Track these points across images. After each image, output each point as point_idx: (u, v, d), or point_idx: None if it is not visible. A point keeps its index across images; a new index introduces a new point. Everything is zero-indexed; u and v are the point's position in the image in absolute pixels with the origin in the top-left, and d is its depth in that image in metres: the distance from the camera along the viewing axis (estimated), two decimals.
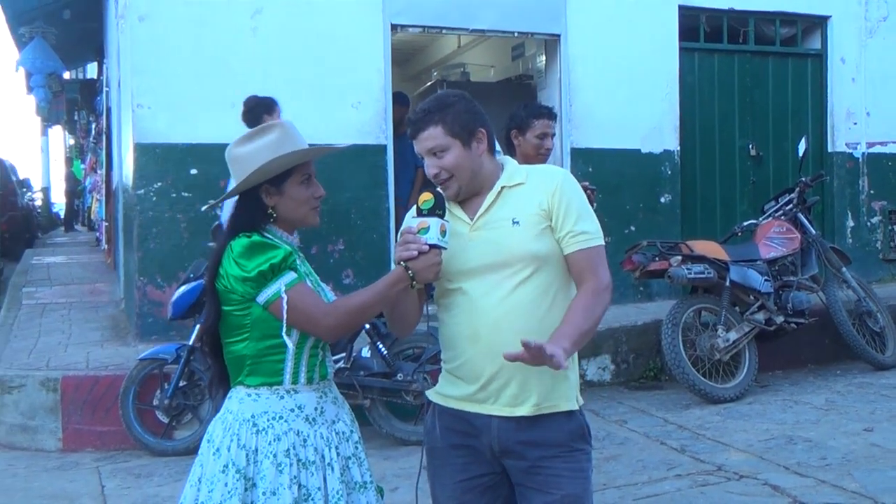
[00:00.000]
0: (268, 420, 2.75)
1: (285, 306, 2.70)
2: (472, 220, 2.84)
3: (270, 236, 2.83)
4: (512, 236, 2.78)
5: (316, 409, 2.81)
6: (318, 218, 2.92)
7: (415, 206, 2.78)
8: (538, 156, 5.18)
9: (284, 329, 2.72)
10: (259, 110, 6.64)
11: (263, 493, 2.68)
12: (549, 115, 5.35)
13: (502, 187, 2.85)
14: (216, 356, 2.89)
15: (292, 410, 2.78)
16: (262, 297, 2.72)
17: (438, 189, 2.82)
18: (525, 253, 2.77)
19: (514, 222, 2.79)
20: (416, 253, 2.67)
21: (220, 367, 2.89)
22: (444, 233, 2.69)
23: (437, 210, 2.71)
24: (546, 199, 2.80)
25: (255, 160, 2.78)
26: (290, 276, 2.74)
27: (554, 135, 5.36)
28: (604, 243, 2.87)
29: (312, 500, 2.72)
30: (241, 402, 2.79)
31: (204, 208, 6.80)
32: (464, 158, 2.81)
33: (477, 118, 2.85)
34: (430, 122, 2.80)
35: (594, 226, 2.84)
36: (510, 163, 2.96)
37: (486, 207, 2.83)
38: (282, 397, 2.78)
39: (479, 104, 2.91)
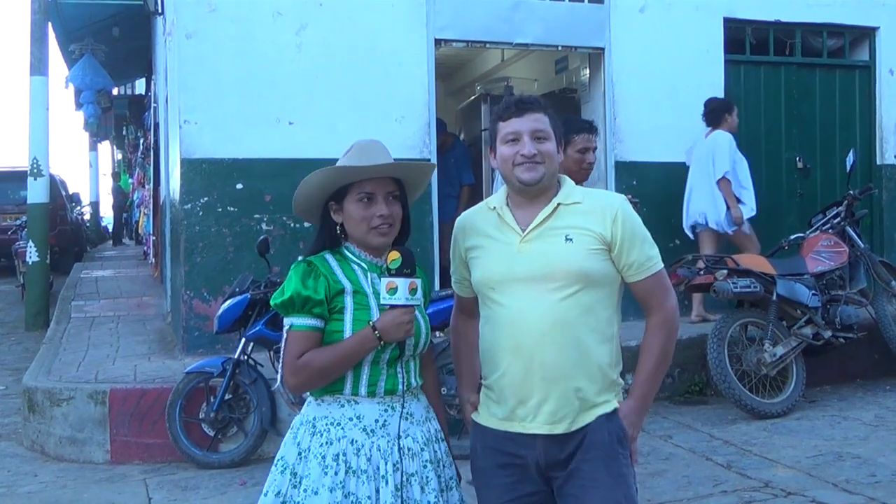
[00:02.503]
0: (325, 424, 2.84)
1: (283, 344, 2.87)
2: (523, 231, 2.85)
3: (349, 254, 2.93)
4: (563, 252, 2.79)
5: (377, 421, 2.85)
6: (380, 239, 2.90)
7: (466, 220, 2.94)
8: (580, 170, 5.16)
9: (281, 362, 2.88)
10: (720, 111, 7.88)
11: (305, 490, 2.76)
12: (590, 129, 5.32)
13: (559, 204, 2.87)
14: None
15: (351, 419, 2.83)
16: (286, 323, 2.87)
17: (517, 176, 2.85)
18: (574, 269, 2.78)
19: (567, 239, 2.81)
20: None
21: None
22: (413, 291, 2.76)
23: (405, 269, 2.77)
24: (606, 227, 2.82)
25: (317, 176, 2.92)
26: (302, 321, 2.82)
27: (595, 149, 5.32)
28: (663, 265, 2.91)
29: None
30: (308, 405, 2.93)
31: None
32: (555, 153, 2.89)
33: (561, 130, 2.98)
34: (539, 108, 2.90)
35: (655, 250, 2.90)
36: (567, 181, 2.98)
37: (540, 220, 2.85)
38: (342, 405, 2.85)
39: None
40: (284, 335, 2.85)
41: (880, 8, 9.85)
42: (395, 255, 2.78)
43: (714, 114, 8.36)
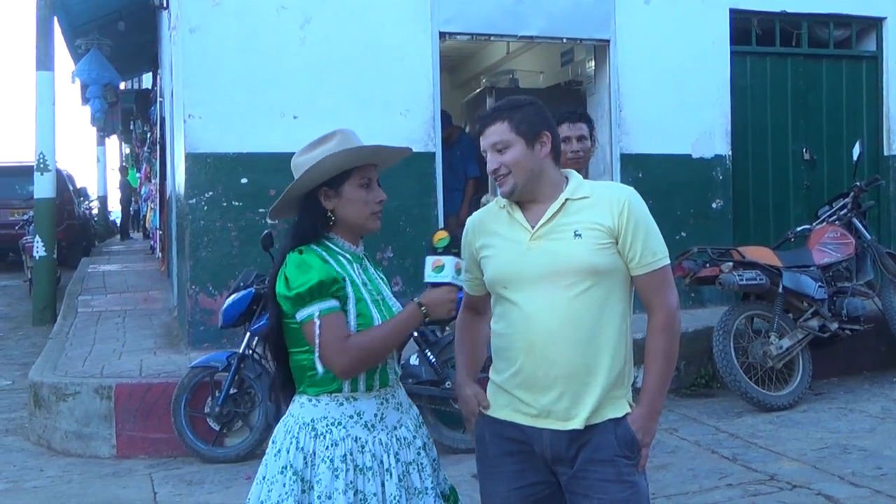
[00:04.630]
0: (326, 425, 2.80)
1: (317, 331, 2.74)
2: (532, 228, 2.85)
3: (332, 245, 2.88)
4: (572, 248, 2.78)
5: (376, 415, 2.85)
6: (378, 223, 2.95)
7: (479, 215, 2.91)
8: (567, 161, 5.08)
9: (317, 353, 2.75)
10: None
11: (319, 497, 2.72)
12: (570, 118, 5.24)
13: (566, 199, 2.86)
14: (279, 361, 2.94)
15: (351, 417, 2.82)
16: (299, 317, 2.77)
17: (501, 205, 2.88)
18: (585, 266, 2.77)
19: (576, 234, 2.80)
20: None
21: (284, 373, 2.94)
22: (458, 271, 2.76)
23: (452, 249, 2.77)
24: (612, 219, 2.80)
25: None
26: (328, 303, 2.76)
27: (582, 137, 5.21)
28: (669, 261, 2.89)
29: None
30: (301, 406, 2.85)
31: (268, 219, 6.89)
32: (524, 157, 2.84)
33: (544, 122, 2.91)
34: (497, 119, 2.87)
35: (660, 245, 2.86)
36: (575, 176, 2.96)
37: (548, 217, 2.84)
38: (341, 404, 2.82)
39: (548, 112, 2.97)
40: (316, 322, 2.72)
41: None
42: (443, 235, 2.78)
43: None
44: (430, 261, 2.76)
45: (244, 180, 7.75)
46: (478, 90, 11.64)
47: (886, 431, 6.26)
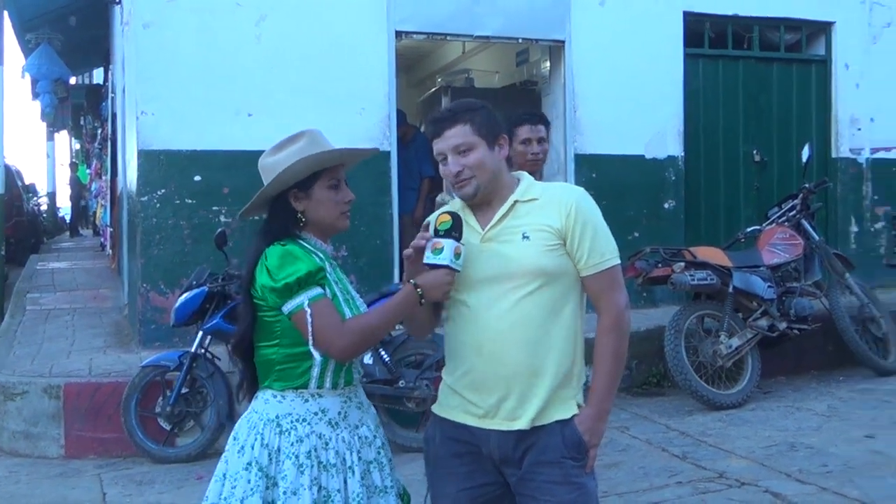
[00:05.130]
0: (291, 422, 2.81)
1: (309, 319, 2.75)
2: (482, 230, 2.86)
3: (305, 244, 2.89)
4: (521, 250, 2.79)
5: (340, 413, 2.86)
6: (347, 222, 2.98)
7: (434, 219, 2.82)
8: (526, 163, 5.12)
9: (311, 341, 2.76)
10: None
11: (284, 493, 2.73)
12: (531, 119, 5.29)
13: (515, 201, 2.86)
14: (246, 360, 2.95)
15: (316, 414, 2.83)
16: (287, 308, 2.78)
17: (458, 211, 2.84)
18: (533, 267, 2.78)
19: (524, 236, 2.80)
20: (423, 242, 2.73)
21: (251, 371, 2.95)
22: (458, 255, 2.73)
23: (454, 232, 2.74)
24: (560, 221, 2.81)
25: (283, 166, 2.85)
26: (316, 291, 2.78)
27: (542, 139, 5.27)
28: (619, 261, 2.89)
29: (332, 501, 2.76)
30: (266, 402, 2.86)
31: (236, 217, 6.87)
32: (488, 159, 2.84)
33: (500, 125, 2.93)
34: (458, 121, 2.84)
35: (609, 246, 2.87)
36: (526, 178, 2.97)
37: (497, 219, 2.85)
38: (306, 400, 2.83)
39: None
40: (308, 312, 2.73)
41: (836, 3, 9.97)
42: (445, 218, 2.76)
43: None
44: (430, 242, 2.75)
45: (198, 178, 7.69)
46: (433, 89, 11.68)
47: (832, 429, 6.36)
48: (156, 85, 7.67)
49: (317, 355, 2.78)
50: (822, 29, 10.10)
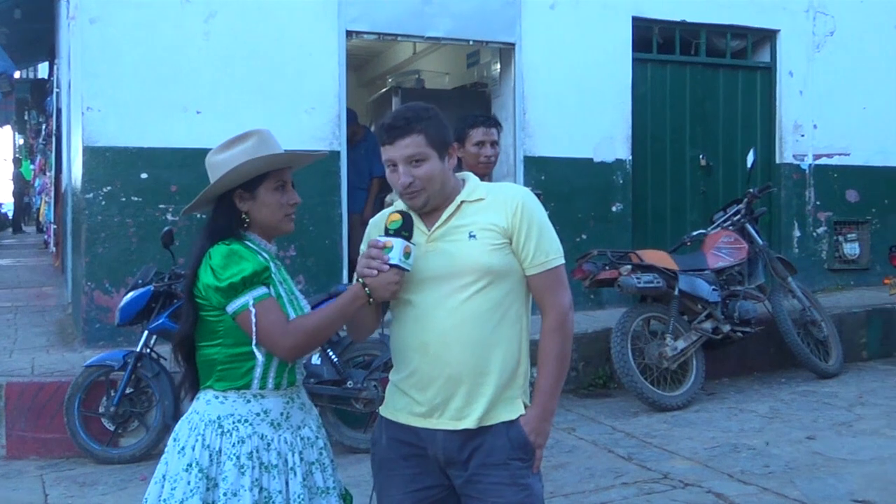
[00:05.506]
0: (233, 422, 2.79)
1: (253, 319, 2.74)
2: (429, 230, 2.85)
3: (250, 243, 2.87)
4: (467, 249, 2.80)
5: (282, 414, 2.85)
6: (292, 224, 2.96)
7: (383, 220, 2.81)
8: (479, 164, 5.16)
9: (255, 341, 2.75)
10: None
11: (224, 494, 2.71)
12: (485, 122, 5.33)
13: (462, 201, 2.87)
14: (188, 360, 2.92)
15: (258, 415, 2.81)
16: (231, 308, 2.76)
17: (408, 210, 2.83)
18: (478, 266, 2.78)
19: (470, 235, 2.81)
20: (374, 272, 2.69)
21: (192, 371, 2.92)
22: (407, 254, 2.72)
23: (404, 231, 2.73)
24: (507, 219, 2.82)
25: (231, 165, 2.83)
26: (261, 290, 2.77)
27: (495, 142, 5.32)
28: (564, 261, 2.90)
29: (273, 502, 2.75)
30: (208, 403, 2.83)
31: (180, 214, 6.80)
32: (438, 171, 2.82)
33: (449, 133, 2.90)
34: (412, 130, 2.79)
35: (554, 245, 2.88)
36: (472, 178, 2.97)
37: (444, 219, 2.85)
38: (248, 401, 2.81)
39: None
40: (252, 312, 2.72)
41: (781, 11, 10.13)
42: (396, 217, 2.75)
43: None
44: (381, 241, 2.73)
45: (144, 175, 7.61)
46: (384, 89, 11.66)
47: (774, 431, 6.47)
48: (102, 81, 7.57)
49: (259, 355, 2.77)
50: (768, 36, 10.26)
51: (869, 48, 10.52)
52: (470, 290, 2.78)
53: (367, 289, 2.72)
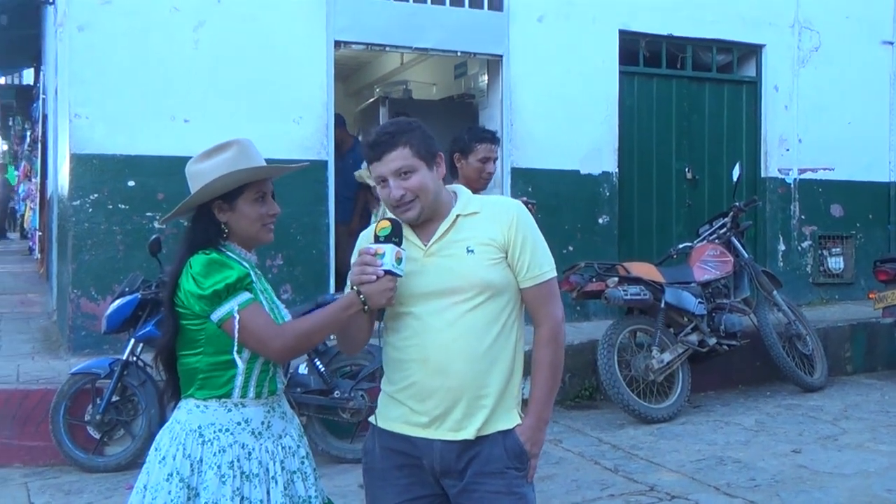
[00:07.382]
0: (214, 432, 2.79)
1: (237, 325, 2.74)
2: (426, 245, 2.86)
3: (229, 253, 2.88)
4: (466, 264, 2.81)
5: (263, 423, 2.85)
6: (271, 235, 2.97)
7: (372, 231, 2.81)
8: (480, 179, 5.22)
9: (236, 348, 2.76)
10: None
11: (206, 503, 2.70)
12: (492, 139, 5.40)
13: (458, 215, 2.88)
14: (170, 369, 2.92)
15: (239, 423, 2.81)
16: (216, 316, 2.76)
17: (396, 217, 2.84)
18: (479, 280, 2.80)
19: (468, 250, 2.83)
20: (373, 277, 2.70)
21: (174, 380, 2.92)
22: (399, 260, 2.73)
23: (394, 238, 2.74)
24: (502, 233, 2.84)
25: (210, 176, 2.82)
26: (245, 296, 2.78)
27: (496, 159, 5.41)
28: (556, 274, 2.94)
29: None
30: (189, 412, 2.83)
31: (158, 223, 6.81)
32: (428, 180, 2.84)
33: (435, 143, 2.91)
34: (398, 144, 2.80)
35: (547, 258, 2.92)
36: (463, 191, 2.99)
37: (440, 234, 2.86)
38: (229, 410, 2.81)
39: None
40: (236, 318, 2.72)
41: (767, 27, 10.22)
42: (385, 224, 2.75)
43: None
44: (373, 248, 2.74)
45: (131, 183, 7.59)
46: (371, 100, 11.68)
47: (760, 444, 6.49)
48: (90, 88, 7.55)
49: (240, 364, 2.77)
50: (753, 51, 10.34)
51: (854, 63, 10.62)
52: (470, 304, 2.80)
53: (362, 296, 2.73)
